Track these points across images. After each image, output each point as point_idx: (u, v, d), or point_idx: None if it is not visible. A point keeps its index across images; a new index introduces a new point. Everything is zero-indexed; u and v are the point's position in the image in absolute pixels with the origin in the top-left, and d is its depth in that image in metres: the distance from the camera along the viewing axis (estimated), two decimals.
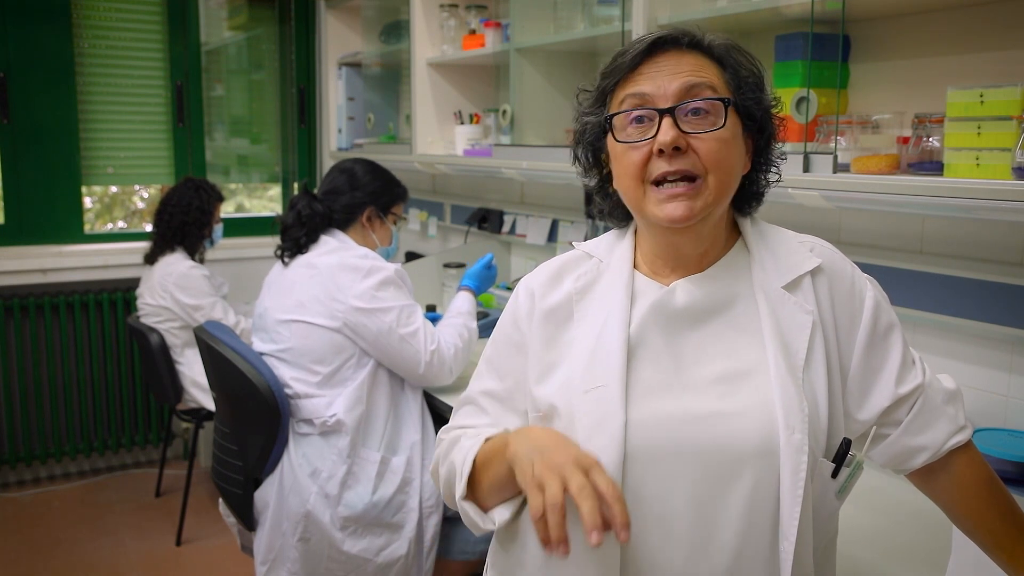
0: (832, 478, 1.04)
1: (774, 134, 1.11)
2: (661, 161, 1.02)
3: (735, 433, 1.00)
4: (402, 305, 2.09)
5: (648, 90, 1.03)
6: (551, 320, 1.13)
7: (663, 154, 1.02)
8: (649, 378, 1.05)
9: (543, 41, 2.62)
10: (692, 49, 1.06)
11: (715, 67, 1.06)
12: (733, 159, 1.05)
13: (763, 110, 1.08)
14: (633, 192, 1.06)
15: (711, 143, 1.02)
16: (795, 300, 1.07)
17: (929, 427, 1.11)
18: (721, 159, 1.02)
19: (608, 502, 0.88)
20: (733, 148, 1.05)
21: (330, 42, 4.10)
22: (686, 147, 1.02)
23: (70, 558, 3.17)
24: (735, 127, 1.05)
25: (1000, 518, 1.10)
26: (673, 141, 1.00)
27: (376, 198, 2.27)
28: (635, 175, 1.04)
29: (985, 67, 1.68)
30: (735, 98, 1.05)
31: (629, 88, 1.05)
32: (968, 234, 1.74)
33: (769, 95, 1.10)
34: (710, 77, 1.04)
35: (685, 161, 1.02)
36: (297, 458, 2.06)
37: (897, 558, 1.38)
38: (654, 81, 1.04)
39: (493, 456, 1.05)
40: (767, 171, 1.13)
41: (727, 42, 1.08)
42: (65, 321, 3.77)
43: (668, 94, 1.02)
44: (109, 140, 3.92)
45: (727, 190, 1.05)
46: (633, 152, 1.04)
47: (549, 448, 0.95)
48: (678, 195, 1.02)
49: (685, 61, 1.05)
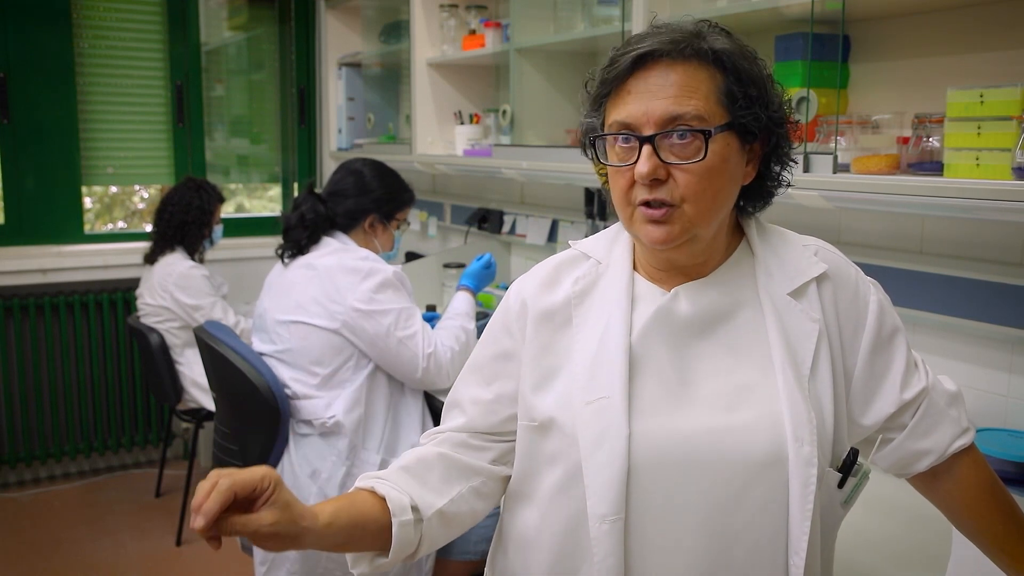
0: (839, 488, 1.04)
1: (782, 141, 1.07)
2: (642, 189, 1.00)
3: (743, 447, 0.99)
4: (401, 308, 2.09)
5: (633, 114, 1.00)
6: (548, 324, 1.11)
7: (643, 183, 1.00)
8: (653, 391, 1.03)
9: (543, 41, 2.62)
10: (684, 59, 0.99)
11: (711, 77, 1.00)
12: (717, 186, 1.00)
13: (767, 119, 1.03)
14: (622, 211, 1.05)
15: (690, 175, 0.98)
16: (801, 308, 1.05)
17: (933, 431, 1.10)
18: (699, 190, 0.99)
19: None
20: (719, 174, 1.00)
21: (330, 42, 4.10)
22: (666, 176, 0.99)
23: (70, 558, 3.17)
24: (726, 148, 1.00)
25: (1003, 520, 1.10)
26: (650, 173, 0.98)
27: (381, 205, 2.25)
28: (622, 198, 1.03)
29: (985, 67, 1.68)
30: (730, 113, 1.00)
31: (617, 107, 1.02)
32: (968, 234, 1.74)
33: (776, 101, 1.05)
34: (700, 96, 0.98)
35: (663, 191, 0.99)
36: (297, 459, 2.06)
37: (897, 561, 1.37)
38: (639, 102, 1.00)
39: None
40: (777, 176, 1.10)
41: (730, 45, 1.01)
42: (65, 321, 3.77)
43: (652, 119, 0.99)
44: (109, 140, 3.92)
45: (708, 215, 1.01)
46: (619, 177, 1.02)
47: None
48: (656, 219, 1.00)
49: (675, 76, 0.99)
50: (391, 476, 1.09)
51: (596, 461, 0.99)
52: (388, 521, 1.03)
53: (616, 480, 0.98)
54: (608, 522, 0.98)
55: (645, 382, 1.03)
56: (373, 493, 1.05)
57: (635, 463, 0.99)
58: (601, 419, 1.01)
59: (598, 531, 0.99)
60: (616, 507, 0.98)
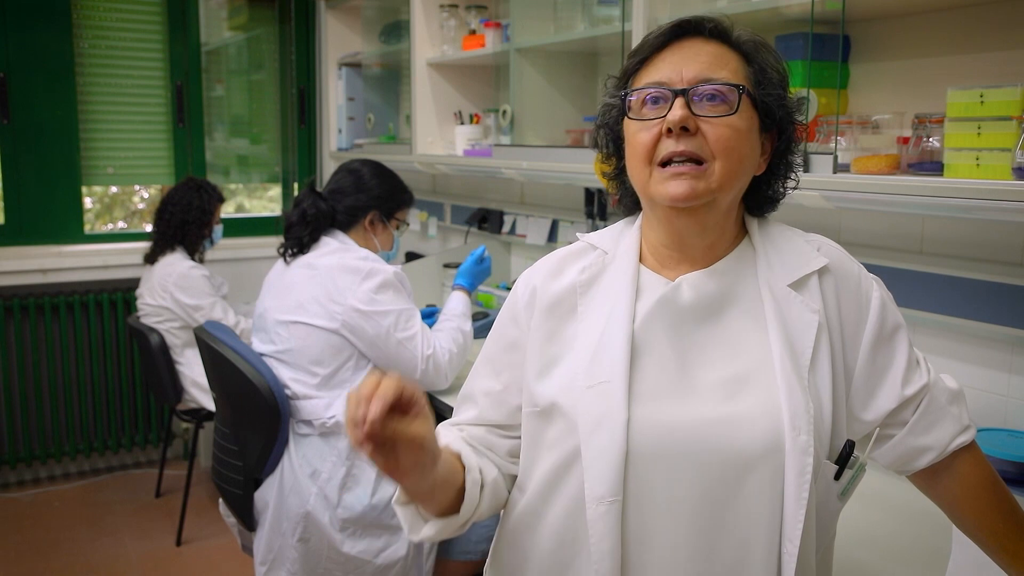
0: (835, 480, 1.04)
1: (794, 138, 1.10)
2: (669, 141, 1.01)
3: (740, 435, 0.99)
4: (400, 309, 2.09)
5: (666, 74, 1.03)
6: (554, 313, 1.12)
7: (672, 133, 1.01)
8: (654, 378, 1.04)
9: (543, 41, 2.62)
10: (716, 39, 1.05)
11: (738, 60, 1.04)
12: (744, 149, 1.03)
13: (784, 109, 1.06)
14: (640, 173, 1.05)
15: (721, 128, 1.01)
16: (801, 299, 1.06)
17: (934, 428, 1.11)
18: (731, 146, 1.01)
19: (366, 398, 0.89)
20: (745, 138, 1.03)
21: (330, 42, 4.10)
22: (695, 129, 1.00)
23: (70, 558, 3.17)
24: (750, 120, 1.03)
25: (1003, 519, 1.10)
26: (682, 120, 0.99)
27: (381, 203, 2.26)
28: (644, 156, 1.03)
29: (985, 67, 1.68)
30: (755, 92, 1.03)
31: (650, 72, 1.05)
32: (968, 234, 1.74)
33: (793, 99, 1.08)
34: (730, 69, 1.03)
35: (693, 143, 1.01)
36: (297, 459, 2.06)
37: (897, 559, 1.37)
38: (673, 65, 1.03)
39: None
40: (784, 176, 1.12)
41: (755, 38, 1.06)
42: (65, 321, 3.77)
43: (684, 78, 1.02)
44: (109, 140, 3.92)
45: (733, 178, 1.03)
46: (644, 132, 1.03)
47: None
48: (682, 174, 1.01)
49: (707, 50, 1.04)
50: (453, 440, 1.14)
51: (595, 444, 1.00)
52: (458, 481, 1.07)
53: (614, 463, 0.99)
54: (605, 504, 0.99)
55: (646, 368, 1.04)
56: (447, 449, 1.07)
57: (633, 448, 1.00)
58: (601, 403, 1.02)
59: (595, 513, 1.00)
60: (613, 489, 0.99)
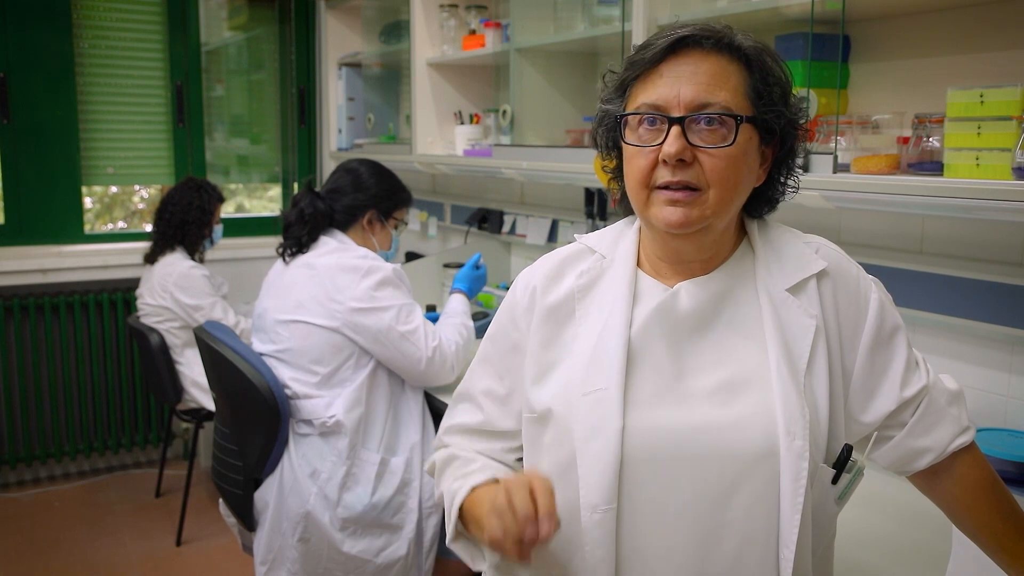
0: (832, 484, 1.04)
1: (795, 146, 1.09)
2: (665, 170, 1.01)
3: (736, 441, 0.99)
4: (401, 304, 2.09)
5: (663, 96, 1.01)
6: (552, 318, 1.12)
7: (667, 163, 1.00)
8: (650, 384, 1.04)
9: (543, 41, 2.62)
10: (717, 50, 1.01)
11: (740, 72, 1.02)
12: (740, 175, 1.02)
13: (785, 122, 1.05)
14: (637, 195, 1.05)
15: (717, 159, 1.00)
16: (799, 303, 1.06)
17: (933, 429, 1.11)
18: (725, 176, 1.00)
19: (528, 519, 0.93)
20: (742, 164, 1.02)
21: (330, 42, 4.10)
22: (691, 159, 1.00)
23: (70, 558, 3.17)
24: (748, 141, 1.02)
25: (1003, 519, 1.10)
26: (678, 153, 0.99)
27: (379, 202, 2.26)
28: (640, 180, 1.03)
29: (985, 67, 1.68)
30: (755, 109, 1.02)
31: (647, 89, 1.03)
32: (968, 234, 1.74)
33: (795, 105, 1.07)
34: (729, 88, 1.00)
35: (688, 173, 1.00)
36: (297, 458, 2.06)
37: (897, 560, 1.37)
38: (671, 85, 1.01)
39: (476, 505, 1.06)
40: (785, 181, 1.11)
41: (758, 45, 1.04)
42: (65, 321, 3.77)
43: (682, 102, 1.00)
44: (109, 140, 3.92)
45: (728, 205, 1.03)
46: (640, 158, 1.03)
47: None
48: (677, 201, 1.00)
49: (707, 65, 1.01)
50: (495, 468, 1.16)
51: (589, 451, 1.00)
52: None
53: (608, 471, 0.99)
54: (600, 512, 0.99)
55: (642, 375, 1.04)
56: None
57: (628, 455, 1.00)
58: (596, 410, 1.02)
59: (589, 521, 1.00)
60: (608, 497, 0.99)
